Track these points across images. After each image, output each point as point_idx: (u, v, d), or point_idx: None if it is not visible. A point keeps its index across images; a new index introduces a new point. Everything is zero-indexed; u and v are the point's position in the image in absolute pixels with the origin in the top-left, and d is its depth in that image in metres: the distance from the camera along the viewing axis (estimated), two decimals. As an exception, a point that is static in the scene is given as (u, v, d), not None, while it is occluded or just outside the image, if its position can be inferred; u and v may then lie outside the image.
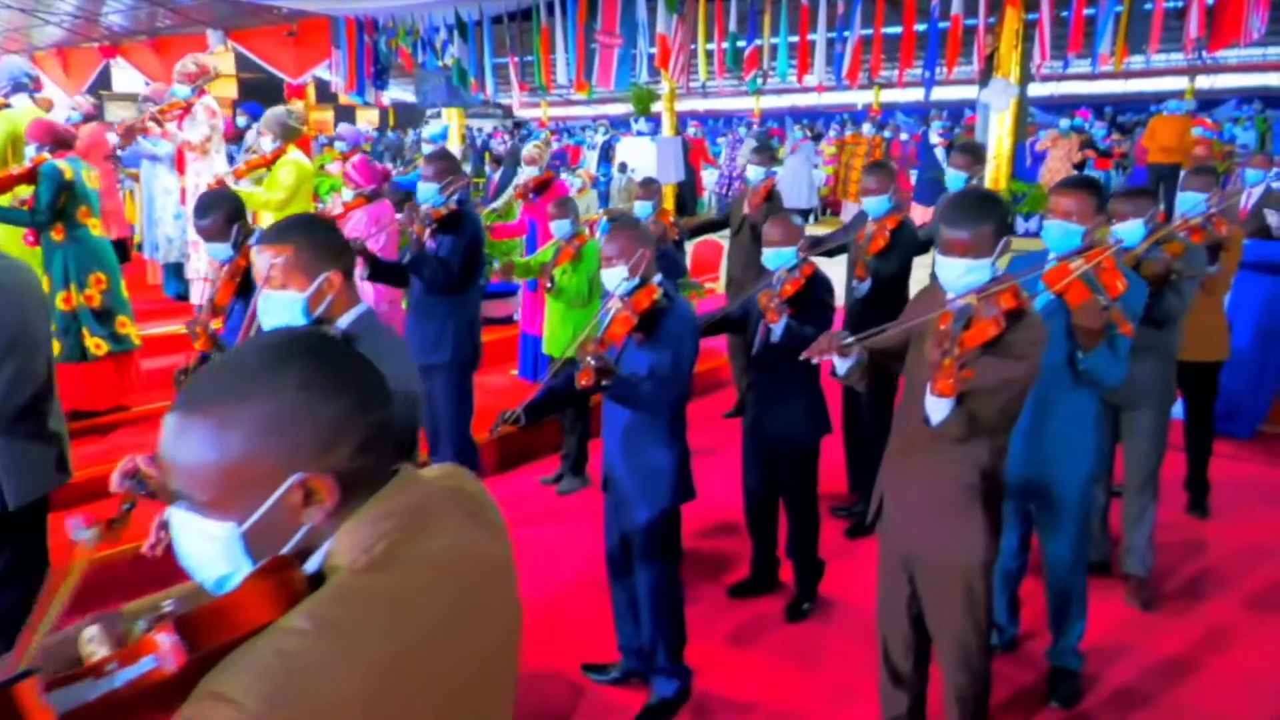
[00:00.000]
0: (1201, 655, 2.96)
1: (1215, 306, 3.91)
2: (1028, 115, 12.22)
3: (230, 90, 20.51)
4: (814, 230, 7.56)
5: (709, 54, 10.12)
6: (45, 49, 16.84)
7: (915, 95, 16.41)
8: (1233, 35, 6.83)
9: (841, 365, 2.12)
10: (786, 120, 20.00)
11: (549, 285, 3.67)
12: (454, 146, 14.90)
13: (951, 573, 2.09)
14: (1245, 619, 3.18)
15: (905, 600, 2.19)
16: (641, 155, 11.40)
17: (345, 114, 20.52)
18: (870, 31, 9.03)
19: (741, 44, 9.75)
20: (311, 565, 0.82)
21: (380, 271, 3.38)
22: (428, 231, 3.34)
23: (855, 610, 3.19)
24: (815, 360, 2.10)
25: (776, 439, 3.17)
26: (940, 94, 17.01)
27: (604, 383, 2.33)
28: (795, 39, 9.57)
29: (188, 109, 4.70)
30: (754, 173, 5.23)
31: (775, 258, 3.05)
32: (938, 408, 1.93)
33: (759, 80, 10.22)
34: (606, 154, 14.09)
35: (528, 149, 5.27)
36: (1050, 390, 2.53)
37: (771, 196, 5.10)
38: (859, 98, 20.36)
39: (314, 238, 1.67)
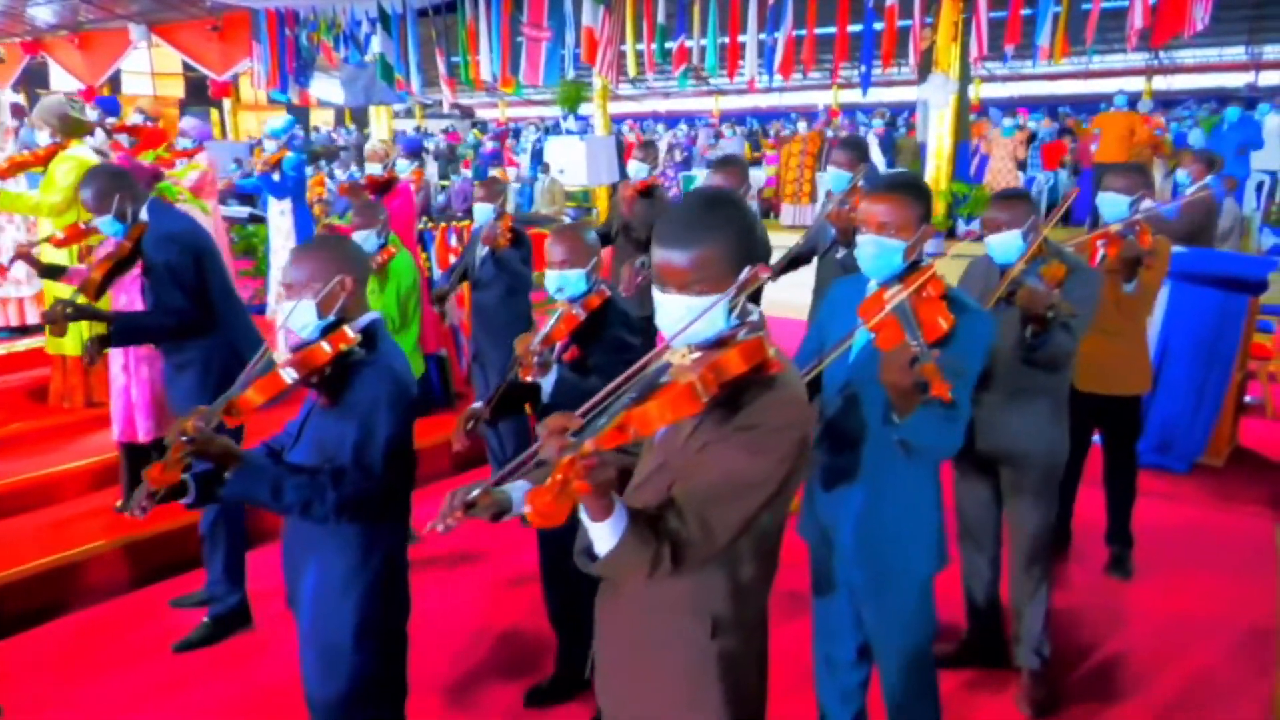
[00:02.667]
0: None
1: (1136, 331, 3.31)
2: (973, 113, 11.74)
3: (177, 89, 19.82)
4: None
5: (639, 52, 9.59)
6: (-35, 45, 16.05)
7: (876, 94, 15.96)
8: (1176, 27, 6.34)
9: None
10: (748, 121, 19.56)
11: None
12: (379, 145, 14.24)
13: None
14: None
15: None
16: (571, 155, 10.71)
17: (299, 114, 19.70)
18: (804, 32, 8.55)
19: (670, 45, 9.23)
20: None
21: (125, 330, 2.65)
22: (139, 272, 2.65)
23: None
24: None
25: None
26: (902, 94, 16.59)
27: (227, 475, 1.62)
28: (726, 39, 9.08)
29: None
30: (636, 170, 4.60)
31: (559, 282, 2.35)
32: (601, 534, 1.17)
33: (689, 76, 9.67)
34: (539, 155, 13.48)
35: (371, 145, 4.63)
36: (876, 463, 1.89)
37: (650, 194, 4.46)
38: (819, 98, 19.98)
39: None
